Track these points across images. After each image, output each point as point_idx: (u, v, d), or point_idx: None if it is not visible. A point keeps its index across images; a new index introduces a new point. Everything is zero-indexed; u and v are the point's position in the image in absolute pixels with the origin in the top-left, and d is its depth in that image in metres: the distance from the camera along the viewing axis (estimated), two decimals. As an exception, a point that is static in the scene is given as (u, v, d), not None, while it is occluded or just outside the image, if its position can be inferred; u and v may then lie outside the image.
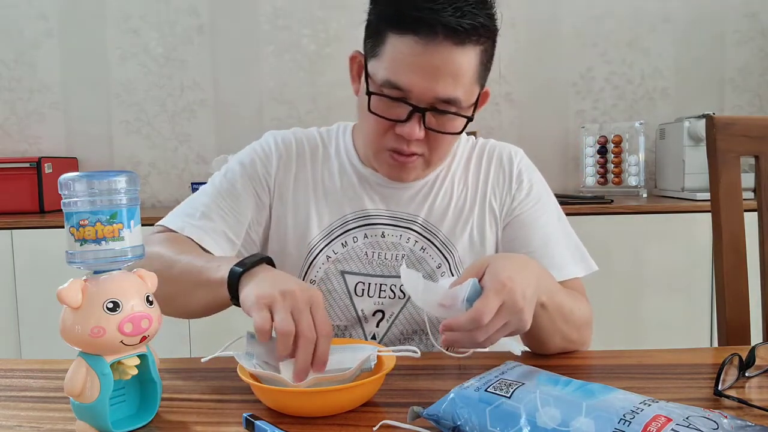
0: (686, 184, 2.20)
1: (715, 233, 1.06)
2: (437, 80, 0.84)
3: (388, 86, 0.86)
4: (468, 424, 0.57)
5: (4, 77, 2.62)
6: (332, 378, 0.68)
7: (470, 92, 0.88)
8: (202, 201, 0.99)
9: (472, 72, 0.86)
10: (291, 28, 2.59)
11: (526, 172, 1.03)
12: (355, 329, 0.99)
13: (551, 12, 2.56)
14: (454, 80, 0.84)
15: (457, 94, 0.85)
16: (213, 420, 0.66)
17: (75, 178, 0.60)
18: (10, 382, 0.80)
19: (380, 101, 0.88)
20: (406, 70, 0.84)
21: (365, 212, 0.99)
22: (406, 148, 0.89)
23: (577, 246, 1.02)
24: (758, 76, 2.55)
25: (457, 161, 1.03)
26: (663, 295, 2.06)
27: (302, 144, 1.03)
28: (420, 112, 0.86)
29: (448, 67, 0.83)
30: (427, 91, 0.84)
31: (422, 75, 0.83)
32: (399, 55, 0.84)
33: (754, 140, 1.06)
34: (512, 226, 1.00)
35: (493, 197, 1.01)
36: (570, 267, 0.97)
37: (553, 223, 1.02)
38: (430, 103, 0.86)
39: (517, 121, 2.58)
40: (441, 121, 0.88)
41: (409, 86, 0.84)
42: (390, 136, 0.90)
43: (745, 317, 1.04)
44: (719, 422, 0.51)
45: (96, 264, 0.61)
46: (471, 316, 0.68)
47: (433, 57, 0.82)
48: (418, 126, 0.86)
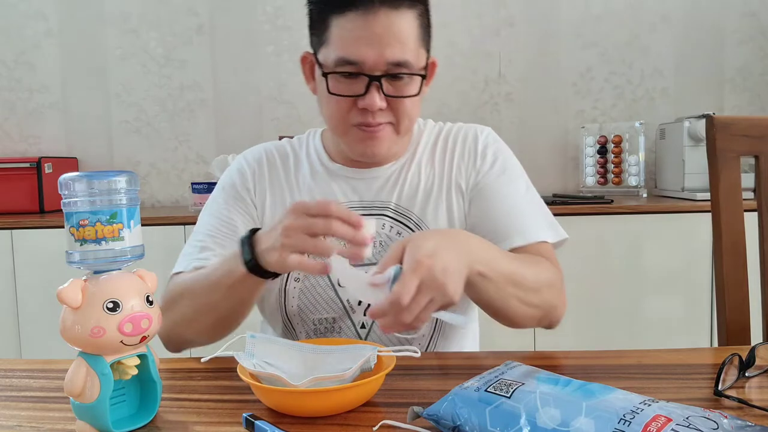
0: (686, 184, 2.20)
1: (715, 233, 1.06)
2: (384, 46, 0.89)
3: (341, 64, 0.91)
4: (468, 424, 0.57)
5: (4, 77, 2.62)
6: (332, 378, 0.68)
7: (417, 55, 0.93)
8: (197, 239, 1.02)
9: (414, 35, 0.92)
10: (291, 28, 2.59)
11: (491, 147, 1.05)
12: (343, 320, 1.00)
13: (551, 12, 2.56)
14: (399, 43, 0.90)
15: (405, 56, 0.91)
16: (213, 420, 0.66)
17: (75, 178, 0.60)
18: (10, 382, 0.80)
19: (337, 80, 0.92)
20: (354, 43, 0.90)
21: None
22: (372, 119, 0.93)
23: (545, 215, 1.02)
24: (758, 76, 2.55)
25: (423, 146, 1.06)
26: (663, 295, 2.06)
27: (272, 155, 1.08)
28: (376, 80, 0.91)
29: (391, 32, 0.89)
30: (378, 57, 0.89)
31: (369, 44, 0.89)
32: (345, 33, 0.90)
33: (754, 140, 1.06)
34: (477, 198, 1.02)
35: (459, 175, 1.03)
36: (534, 231, 0.97)
37: (519, 193, 1.02)
38: (383, 70, 0.91)
39: (517, 121, 2.58)
40: (397, 86, 0.93)
41: (361, 58, 0.89)
42: (354, 112, 0.94)
43: (745, 317, 1.04)
44: (719, 422, 0.51)
45: (96, 264, 0.61)
46: (391, 300, 0.70)
47: (375, 25, 0.89)
48: (378, 95, 0.91)
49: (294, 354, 0.76)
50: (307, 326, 1.01)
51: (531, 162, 1.06)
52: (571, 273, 0.99)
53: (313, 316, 1.00)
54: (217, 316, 0.89)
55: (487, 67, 2.58)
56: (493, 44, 2.57)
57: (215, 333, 0.93)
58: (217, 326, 0.92)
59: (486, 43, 2.56)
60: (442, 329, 1.03)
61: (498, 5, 2.55)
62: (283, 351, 0.76)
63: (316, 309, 1.00)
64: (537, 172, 2.85)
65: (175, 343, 0.94)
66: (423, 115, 1.04)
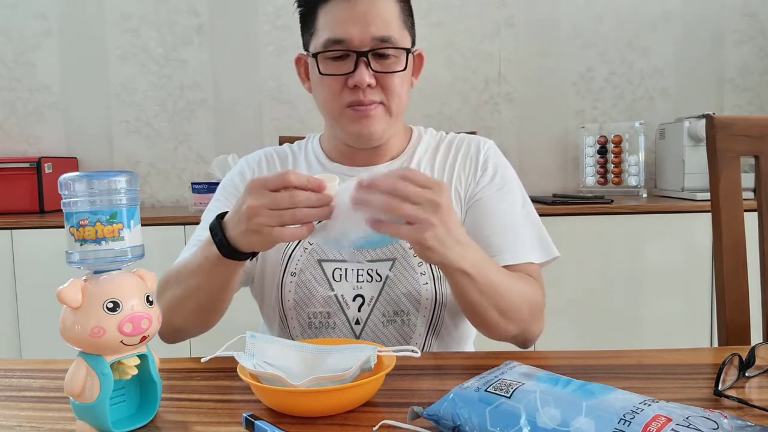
0: (686, 184, 2.20)
1: (715, 233, 1.06)
2: (369, 24, 0.95)
3: (330, 44, 0.96)
4: (468, 424, 0.57)
5: (4, 77, 2.62)
6: (332, 378, 0.68)
7: (401, 35, 0.98)
8: (196, 234, 1.05)
9: (396, 16, 0.97)
10: (291, 28, 2.58)
11: (492, 159, 1.07)
12: (338, 315, 1.01)
13: (551, 12, 2.56)
14: (383, 21, 0.95)
15: (390, 32, 0.96)
16: (213, 420, 0.66)
17: (75, 178, 0.60)
18: (10, 382, 0.80)
19: (327, 62, 0.97)
20: (340, 24, 0.95)
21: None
22: (363, 97, 0.96)
23: (539, 234, 1.04)
24: (758, 76, 2.55)
25: (422, 151, 1.08)
26: (663, 295, 2.06)
27: (272, 157, 1.11)
28: (364, 56, 0.95)
29: (374, 11, 0.95)
30: (364, 34, 0.94)
31: (355, 23, 0.94)
32: (330, 17, 0.96)
33: (754, 140, 1.06)
34: (473, 210, 1.03)
35: (459, 182, 1.05)
36: (525, 252, 0.99)
37: (515, 209, 1.04)
38: (370, 46, 0.95)
39: (517, 121, 2.58)
40: (384, 63, 0.97)
41: (347, 36, 0.94)
42: (345, 92, 0.97)
43: (745, 317, 1.04)
44: (719, 422, 0.51)
45: (96, 264, 0.61)
46: (401, 174, 0.74)
47: (358, 5, 0.95)
48: (366, 71, 0.95)
49: (294, 354, 0.76)
50: (302, 320, 1.02)
51: (531, 162, 1.06)
52: (571, 273, 1.00)
53: (309, 310, 1.01)
54: (199, 299, 0.91)
55: (487, 67, 2.58)
56: (493, 44, 2.57)
57: (201, 318, 0.94)
58: (202, 310, 0.93)
59: (486, 43, 2.56)
60: (437, 331, 1.03)
61: (498, 5, 2.55)
62: (283, 351, 0.76)
63: (311, 302, 1.01)
64: (537, 172, 2.86)
65: (167, 331, 0.94)
66: (424, 114, 1.04)
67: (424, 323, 1.02)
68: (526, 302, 0.91)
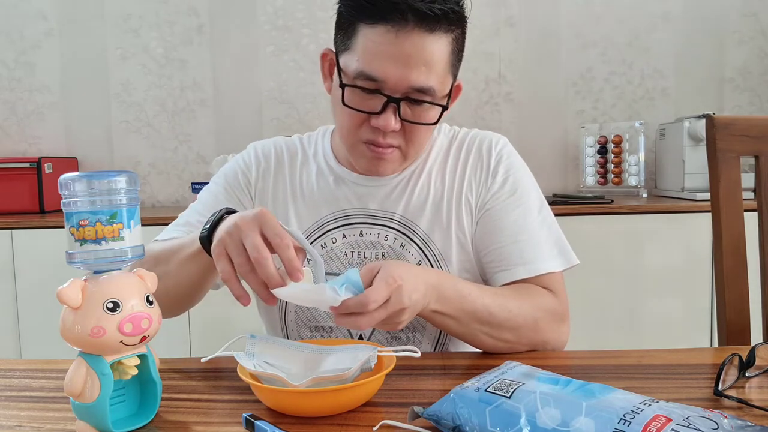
0: (686, 184, 2.20)
1: (715, 233, 1.06)
2: (410, 68, 0.84)
3: (361, 78, 0.86)
4: (468, 424, 0.57)
5: (4, 77, 2.62)
6: (332, 378, 0.68)
7: (443, 82, 0.88)
8: (186, 213, 1.04)
9: (445, 60, 0.87)
10: (291, 28, 2.59)
11: (504, 162, 1.00)
12: (340, 329, 0.99)
13: (551, 12, 2.56)
14: (427, 68, 0.85)
15: (430, 83, 0.86)
16: (213, 420, 0.66)
17: (75, 178, 0.60)
18: (10, 382, 0.80)
19: (354, 93, 0.88)
20: (379, 59, 0.84)
21: (342, 212, 1.00)
22: (382, 140, 0.90)
23: (557, 239, 0.98)
24: (758, 76, 2.55)
25: (435, 155, 1.02)
26: (663, 295, 2.06)
27: (281, 151, 1.06)
28: (395, 102, 0.86)
29: (420, 55, 0.84)
30: (401, 80, 0.84)
31: (395, 64, 0.84)
32: (371, 45, 0.84)
33: (754, 140, 1.06)
34: (484, 219, 0.98)
35: (470, 191, 0.99)
36: (541, 262, 0.94)
37: (529, 216, 0.98)
38: (404, 93, 0.86)
39: (517, 121, 2.58)
40: (416, 111, 0.88)
41: (383, 76, 0.84)
42: (365, 128, 0.90)
43: (745, 317, 1.04)
44: (719, 422, 0.51)
45: (96, 264, 0.61)
46: (360, 300, 0.71)
47: (405, 45, 0.83)
48: (393, 117, 0.87)
49: (294, 354, 0.76)
50: (304, 335, 1.01)
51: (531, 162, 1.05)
52: (572, 273, 0.99)
53: (311, 324, 1.00)
54: (165, 284, 0.84)
55: (487, 67, 2.58)
56: (493, 44, 2.56)
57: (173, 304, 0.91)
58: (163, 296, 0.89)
59: (486, 43, 2.56)
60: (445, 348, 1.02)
61: (498, 5, 2.55)
62: (283, 351, 0.76)
63: (313, 317, 1.00)
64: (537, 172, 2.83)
65: None
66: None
67: (430, 341, 1.00)
68: (527, 317, 0.87)
